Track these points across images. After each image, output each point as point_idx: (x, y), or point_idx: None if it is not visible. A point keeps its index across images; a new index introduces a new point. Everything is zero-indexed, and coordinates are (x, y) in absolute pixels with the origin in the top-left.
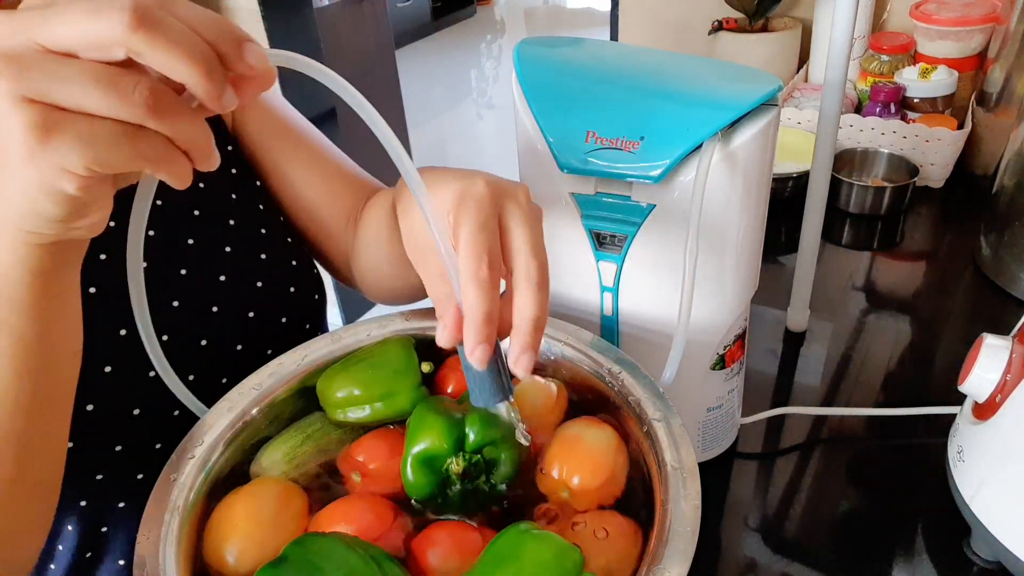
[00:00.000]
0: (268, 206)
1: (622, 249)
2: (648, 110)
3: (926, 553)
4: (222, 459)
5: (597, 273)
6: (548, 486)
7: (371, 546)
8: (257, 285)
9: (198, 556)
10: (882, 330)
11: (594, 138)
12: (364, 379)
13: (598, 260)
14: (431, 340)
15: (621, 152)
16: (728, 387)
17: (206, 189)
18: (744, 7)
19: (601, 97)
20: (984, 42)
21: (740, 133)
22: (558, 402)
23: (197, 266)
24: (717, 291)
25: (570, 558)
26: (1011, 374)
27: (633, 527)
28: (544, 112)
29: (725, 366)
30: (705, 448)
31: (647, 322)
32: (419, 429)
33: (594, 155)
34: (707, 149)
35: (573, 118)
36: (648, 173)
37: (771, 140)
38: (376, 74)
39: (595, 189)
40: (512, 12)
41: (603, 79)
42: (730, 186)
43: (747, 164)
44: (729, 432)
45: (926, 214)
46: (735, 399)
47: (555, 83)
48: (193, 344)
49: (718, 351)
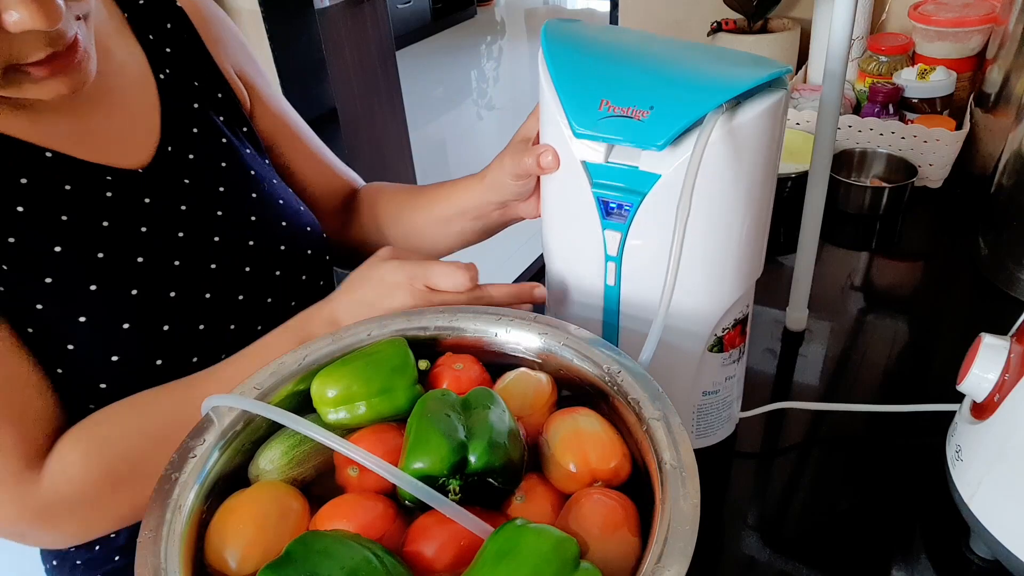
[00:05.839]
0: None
1: (627, 218)
2: (659, 82)
3: (924, 553)
4: (223, 458)
5: (603, 242)
6: (557, 473)
7: (372, 542)
8: (281, 248)
9: (199, 556)
10: (880, 330)
11: (607, 106)
12: (362, 375)
13: (604, 229)
14: (427, 340)
15: (631, 120)
16: (726, 373)
17: (228, 167)
18: (743, 8)
19: (617, 70)
20: (982, 43)
21: (745, 111)
22: (549, 394)
23: (228, 233)
24: (716, 270)
25: (568, 549)
26: (1009, 374)
27: (632, 509)
28: (563, 81)
29: (723, 350)
30: (699, 435)
31: (647, 291)
32: (419, 444)
33: (606, 122)
34: (709, 121)
35: (589, 86)
36: (654, 141)
37: (779, 123)
38: (377, 75)
39: (606, 158)
40: (512, 13)
41: (621, 55)
42: (732, 163)
43: (752, 143)
44: (726, 423)
45: (924, 214)
46: (734, 388)
47: (576, 56)
48: (232, 300)
49: (716, 332)
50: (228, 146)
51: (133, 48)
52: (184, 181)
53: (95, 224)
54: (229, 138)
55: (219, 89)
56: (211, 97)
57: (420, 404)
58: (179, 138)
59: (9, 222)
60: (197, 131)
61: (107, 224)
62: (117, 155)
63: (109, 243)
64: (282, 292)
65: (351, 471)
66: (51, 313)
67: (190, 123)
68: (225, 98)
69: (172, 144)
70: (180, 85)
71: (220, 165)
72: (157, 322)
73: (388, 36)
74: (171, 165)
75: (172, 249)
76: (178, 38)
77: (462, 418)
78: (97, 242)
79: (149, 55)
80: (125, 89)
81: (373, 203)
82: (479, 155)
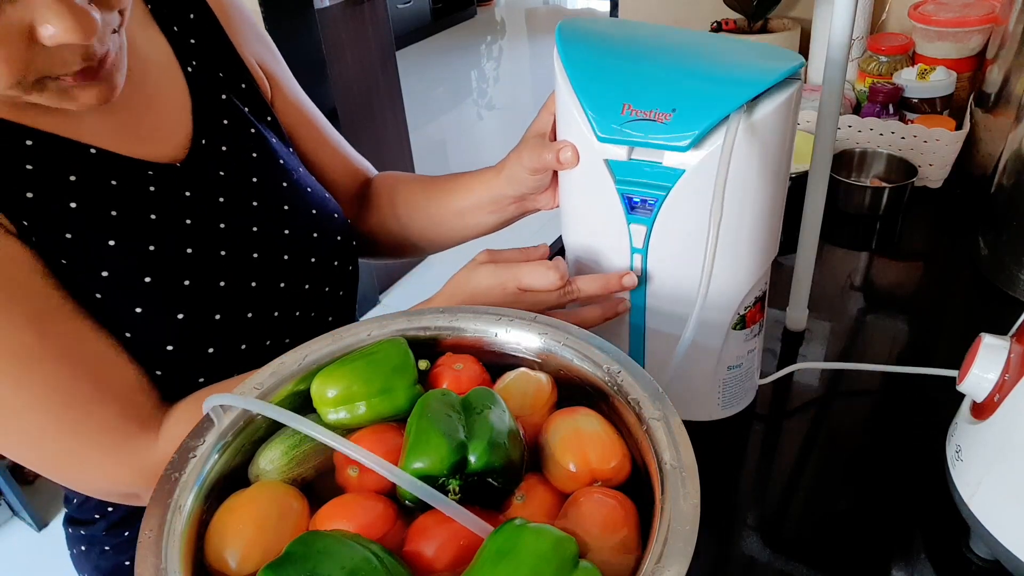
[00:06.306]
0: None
1: (652, 212)
2: (679, 84)
3: (924, 553)
4: (224, 458)
5: (628, 235)
6: (557, 473)
7: (372, 543)
8: (313, 236)
9: (199, 555)
10: (880, 330)
11: (629, 110)
12: (362, 375)
13: (629, 223)
14: (427, 340)
15: (654, 123)
16: (748, 347)
17: (259, 158)
18: (743, 8)
19: (636, 72)
20: (982, 43)
21: (764, 105)
22: (549, 394)
23: (265, 222)
24: (739, 254)
25: (567, 549)
26: (1009, 374)
27: (632, 509)
28: (583, 85)
29: (746, 326)
30: (725, 406)
31: (673, 281)
32: (418, 444)
33: (629, 126)
34: (733, 120)
35: (610, 91)
36: (678, 143)
37: (793, 111)
38: (377, 75)
39: (628, 156)
40: (512, 13)
41: (637, 55)
42: (753, 155)
43: (770, 134)
44: (748, 391)
45: (924, 214)
46: (755, 359)
47: (593, 59)
48: (275, 287)
49: (739, 312)
50: (257, 136)
51: (158, 40)
52: (219, 173)
53: (143, 218)
54: (257, 128)
55: (243, 79)
56: (236, 88)
57: (420, 404)
58: (211, 130)
59: (65, 219)
60: (227, 123)
61: (154, 217)
62: (153, 149)
63: (158, 236)
64: (318, 278)
65: (351, 471)
66: (109, 305)
67: (220, 115)
68: (249, 88)
69: (205, 137)
70: (207, 77)
71: (251, 156)
72: (209, 311)
73: (388, 36)
74: (206, 158)
75: (217, 240)
76: (201, 29)
77: (462, 418)
78: (147, 235)
79: (175, 47)
80: (155, 83)
81: (391, 193)
82: (479, 155)
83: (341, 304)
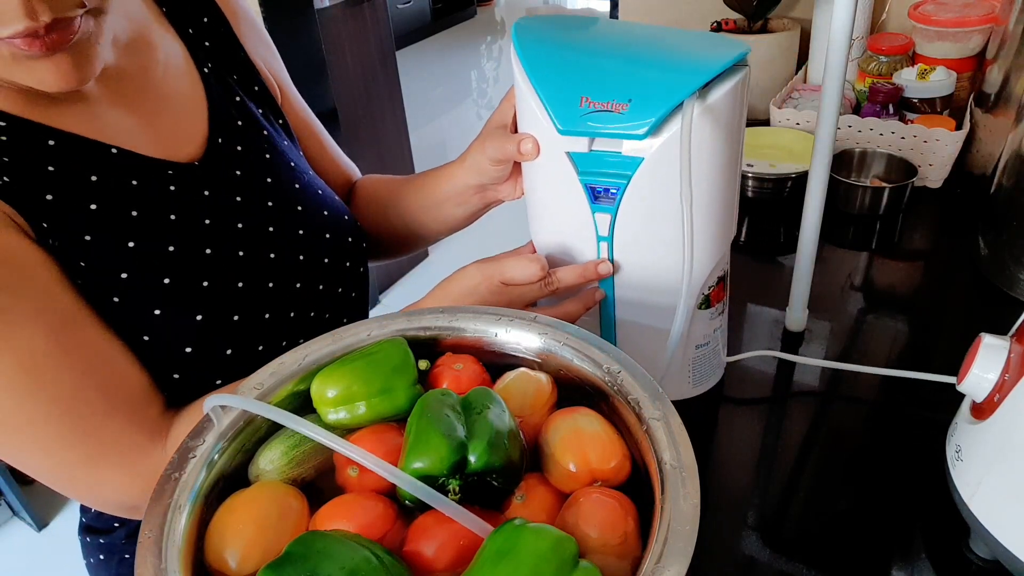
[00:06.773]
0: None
1: (615, 201)
2: (634, 75)
3: (924, 553)
4: (223, 458)
5: (594, 225)
6: (557, 473)
7: (372, 543)
8: (326, 236)
9: (199, 555)
10: (880, 330)
11: (588, 102)
12: (362, 375)
13: (594, 212)
14: (427, 340)
15: (612, 114)
16: (714, 325)
17: (272, 159)
18: (743, 8)
19: (592, 66)
20: (982, 43)
21: (715, 91)
22: (549, 394)
23: (280, 223)
24: (701, 236)
25: (567, 548)
26: (1009, 374)
27: (632, 509)
28: (542, 82)
29: (710, 305)
30: (696, 384)
31: (639, 266)
32: (418, 444)
33: (588, 117)
34: (688, 107)
35: (568, 85)
36: (636, 132)
37: (742, 96)
38: (377, 75)
39: (589, 147)
40: (512, 13)
41: (592, 50)
42: (708, 138)
43: (722, 118)
44: (716, 370)
45: (924, 214)
46: (719, 338)
47: (550, 55)
48: (291, 288)
49: (703, 292)
50: (269, 138)
51: (174, 41)
52: (236, 173)
53: (163, 218)
54: (269, 130)
55: (255, 82)
56: (249, 90)
57: (420, 404)
58: (227, 131)
59: (84, 220)
60: (241, 124)
61: (174, 218)
62: (171, 148)
63: (178, 236)
64: (331, 279)
65: (351, 471)
66: (127, 307)
67: (235, 116)
68: (261, 91)
69: (221, 136)
70: (222, 78)
71: (265, 157)
72: (227, 312)
73: (388, 36)
74: (223, 157)
75: (234, 240)
76: (215, 32)
77: (462, 418)
78: (167, 236)
79: (190, 49)
80: (172, 83)
81: (373, 194)
82: None
83: (353, 306)
